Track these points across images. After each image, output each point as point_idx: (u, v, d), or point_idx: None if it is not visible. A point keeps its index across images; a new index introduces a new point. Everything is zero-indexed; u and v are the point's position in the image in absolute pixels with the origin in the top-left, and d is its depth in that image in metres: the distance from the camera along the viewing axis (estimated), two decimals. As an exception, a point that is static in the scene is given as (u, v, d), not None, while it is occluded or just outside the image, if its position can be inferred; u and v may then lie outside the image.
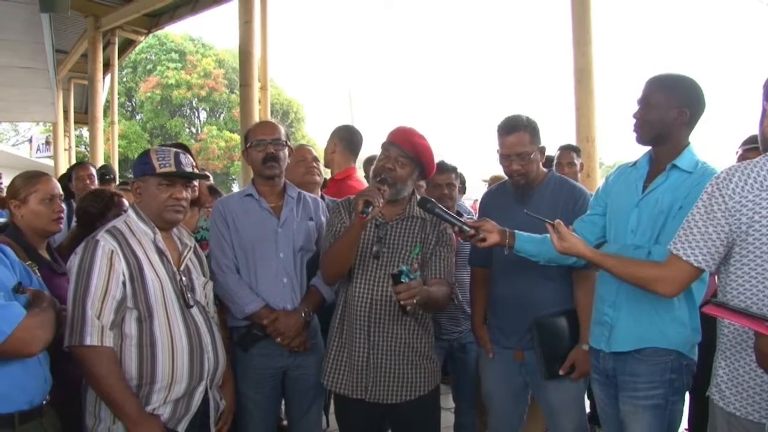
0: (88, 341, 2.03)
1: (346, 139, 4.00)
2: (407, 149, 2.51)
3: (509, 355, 2.76)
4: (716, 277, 1.99)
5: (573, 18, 4.96)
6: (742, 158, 3.39)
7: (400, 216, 2.58)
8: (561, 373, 2.62)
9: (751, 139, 3.46)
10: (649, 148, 2.36)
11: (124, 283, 2.13)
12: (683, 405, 2.38)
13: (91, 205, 2.92)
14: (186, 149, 3.14)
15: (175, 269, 2.26)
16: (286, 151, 2.87)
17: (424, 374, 2.55)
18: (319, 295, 2.81)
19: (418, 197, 2.59)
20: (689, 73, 2.31)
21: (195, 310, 2.27)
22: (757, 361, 1.62)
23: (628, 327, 2.28)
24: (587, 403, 3.04)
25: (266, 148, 2.78)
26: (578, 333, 2.63)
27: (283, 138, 2.85)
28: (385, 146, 2.57)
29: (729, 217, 1.80)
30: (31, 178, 2.64)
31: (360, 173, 4.21)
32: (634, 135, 2.32)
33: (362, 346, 2.49)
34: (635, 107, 2.30)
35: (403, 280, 2.14)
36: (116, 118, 12.47)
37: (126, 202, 2.93)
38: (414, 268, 2.33)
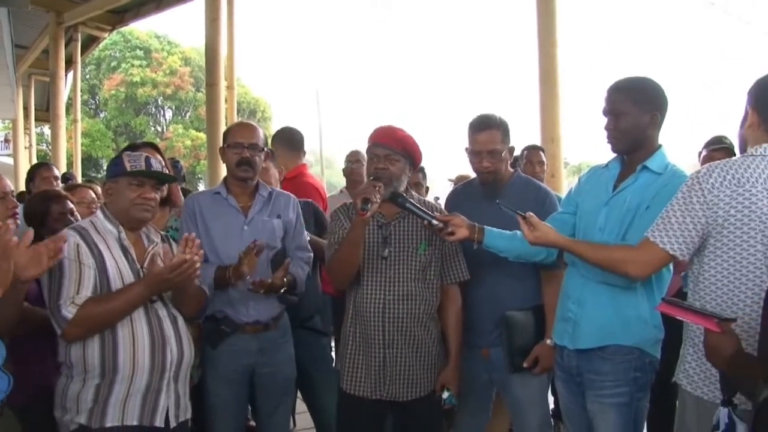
0: (69, 316, 2.09)
1: (285, 139, 4.08)
2: (394, 146, 2.54)
3: (476, 353, 2.78)
4: (688, 269, 2.09)
5: (538, 19, 5.02)
6: (707, 158, 3.49)
7: (401, 214, 2.60)
8: (525, 365, 2.65)
9: (716, 140, 3.56)
10: None
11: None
12: (647, 400, 2.44)
13: (35, 205, 2.93)
14: (156, 148, 3.15)
15: (139, 267, 2.29)
16: (262, 155, 2.90)
17: (435, 370, 2.60)
18: (291, 274, 2.80)
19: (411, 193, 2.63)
20: (648, 73, 2.37)
21: (158, 305, 2.30)
22: (706, 356, 1.69)
23: (592, 324, 2.32)
24: (551, 399, 3.08)
25: (242, 152, 2.79)
26: (544, 329, 2.67)
27: (261, 143, 2.86)
28: (370, 150, 2.59)
29: (707, 209, 1.90)
30: None
31: (316, 170, 4.26)
32: (609, 145, 2.35)
33: (378, 345, 2.52)
34: (602, 119, 2.33)
35: (447, 403, 2.60)
36: (79, 116, 12.27)
37: (70, 204, 2.96)
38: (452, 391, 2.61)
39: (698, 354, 1.96)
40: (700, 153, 3.66)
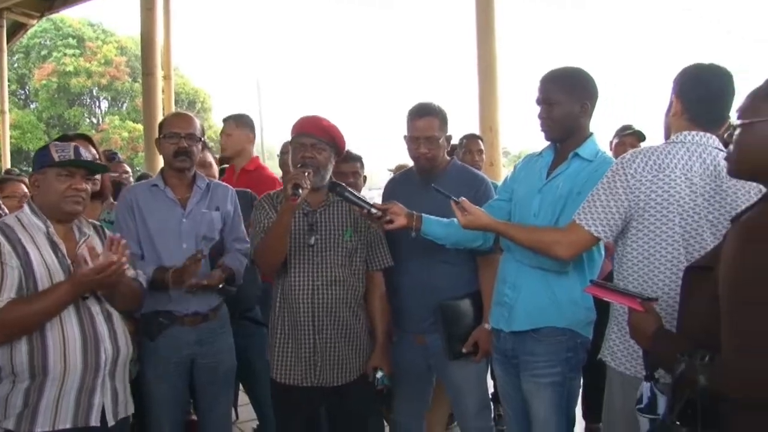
0: None
1: (252, 128, 3.99)
2: (320, 135, 2.56)
3: (412, 340, 2.82)
4: (614, 250, 2.18)
5: (477, 9, 5.08)
6: (619, 145, 3.74)
7: (326, 201, 2.63)
8: (464, 351, 2.70)
9: (625, 127, 3.91)
10: None
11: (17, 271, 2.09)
12: (580, 380, 2.55)
13: None
14: (89, 140, 3.08)
15: (69, 262, 2.20)
16: (200, 145, 2.87)
17: (365, 354, 2.65)
18: (229, 269, 2.80)
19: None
20: (580, 63, 2.46)
21: (91, 301, 2.21)
22: (630, 334, 1.77)
23: (527, 307, 2.39)
24: (491, 383, 3.16)
25: (179, 142, 2.76)
26: (482, 314, 2.72)
27: (198, 133, 2.84)
28: (296, 139, 2.59)
29: (629, 194, 1.99)
30: None
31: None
32: (543, 134, 2.43)
33: (308, 332, 2.54)
34: (536, 108, 2.40)
35: (380, 383, 2.63)
36: (7, 107, 11.71)
37: None
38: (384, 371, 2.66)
39: (622, 332, 2.05)
40: (612, 142, 3.90)
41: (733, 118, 1.67)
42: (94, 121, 29.03)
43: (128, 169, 4.75)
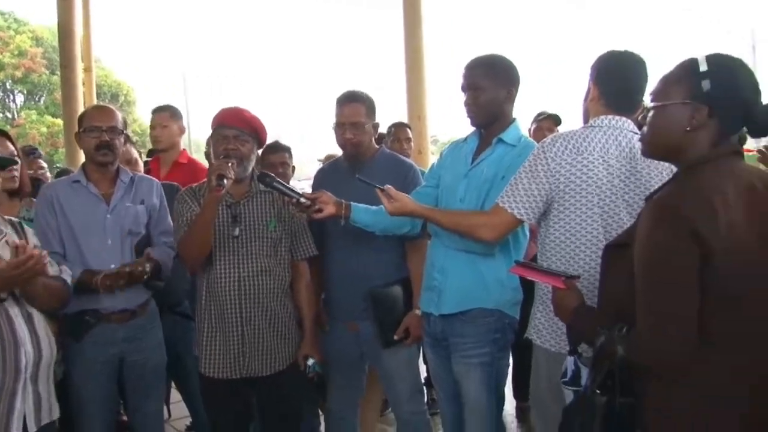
0: None
1: (182, 120, 3.92)
2: (242, 126, 2.55)
3: (345, 327, 2.84)
4: (537, 232, 2.25)
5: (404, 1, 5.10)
6: (537, 129, 3.93)
7: (249, 193, 2.62)
8: (396, 338, 2.73)
9: (541, 113, 4.14)
10: None
11: None
12: (509, 359, 2.62)
13: None
14: (6, 135, 2.94)
15: None
16: (122, 138, 2.80)
17: (293, 343, 2.65)
18: (155, 260, 2.74)
19: (257, 173, 2.64)
20: (502, 50, 2.52)
21: (9, 302, 2.11)
22: (554, 311, 1.84)
23: (455, 290, 2.43)
24: (423, 368, 3.21)
25: (101, 136, 2.68)
26: (412, 300, 2.76)
27: (120, 126, 2.76)
28: (218, 131, 2.58)
29: (550, 176, 2.06)
30: None
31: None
32: (469, 120, 2.48)
33: (236, 323, 2.53)
34: (461, 95, 2.45)
35: (311, 370, 2.65)
36: None
37: None
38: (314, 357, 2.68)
39: (546, 311, 2.13)
40: (530, 128, 4.08)
41: (647, 101, 1.75)
42: (9, 116, 27.69)
43: (44, 164, 4.56)
